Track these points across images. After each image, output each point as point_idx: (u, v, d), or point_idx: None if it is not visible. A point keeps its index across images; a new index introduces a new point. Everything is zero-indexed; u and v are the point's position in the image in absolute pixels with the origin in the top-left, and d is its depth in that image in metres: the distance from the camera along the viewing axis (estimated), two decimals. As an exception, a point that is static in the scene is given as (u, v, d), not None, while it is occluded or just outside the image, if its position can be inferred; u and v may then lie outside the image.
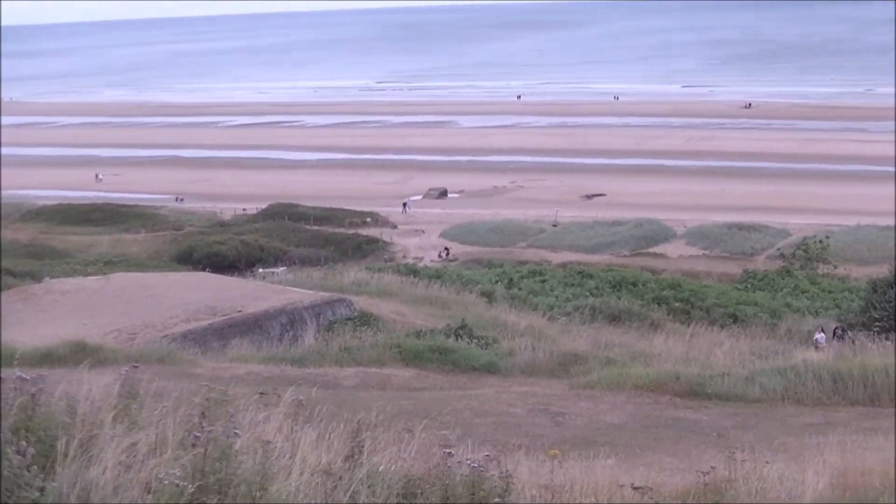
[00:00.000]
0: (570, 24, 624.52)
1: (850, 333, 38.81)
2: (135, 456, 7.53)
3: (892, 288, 38.27)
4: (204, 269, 63.64)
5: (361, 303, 43.30)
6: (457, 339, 32.85)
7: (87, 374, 9.07)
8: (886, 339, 31.87)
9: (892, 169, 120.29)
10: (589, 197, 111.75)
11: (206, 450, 7.53)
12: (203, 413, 8.17)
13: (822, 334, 38.39)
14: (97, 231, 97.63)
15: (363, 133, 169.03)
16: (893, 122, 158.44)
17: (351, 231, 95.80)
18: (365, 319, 39.44)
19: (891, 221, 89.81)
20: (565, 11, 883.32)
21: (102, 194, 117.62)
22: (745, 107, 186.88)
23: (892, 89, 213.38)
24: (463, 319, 37.52)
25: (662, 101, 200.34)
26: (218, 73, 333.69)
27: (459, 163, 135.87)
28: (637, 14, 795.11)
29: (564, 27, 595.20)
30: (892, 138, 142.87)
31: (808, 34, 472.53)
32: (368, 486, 8.26)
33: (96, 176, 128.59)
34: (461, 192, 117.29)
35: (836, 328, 39.94)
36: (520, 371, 29.76)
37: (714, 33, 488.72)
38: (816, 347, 36.11)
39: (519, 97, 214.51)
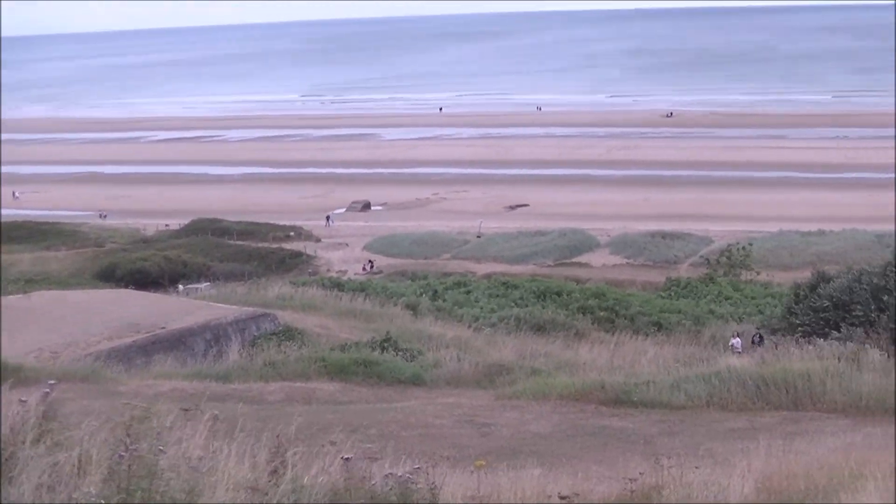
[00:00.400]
0: (495, 35, 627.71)
1: (767, 339, 39.24)
2: (58, 476, 7.45)
3: (813, 292, 38.69)
4: (127, 286, 63.14)
5: (286, 317, 43.15)
6: (382, 351, 32.85)
7: (7, 394, 8.98)
8: (808, 343, 32.29)
9: (812, 175, 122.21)
10: (513, 207, 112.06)
11: (130, 468, 7.49)
12: (127, 431, 8.09)
13: (738, 339, 38.74)
14: (17, 249, 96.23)
15: (287, 147, 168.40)
16: (811, 129, 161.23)
17: (275, 245, 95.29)
18: (289, 334, 39.31)
19: (811, 227, 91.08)
20: (490, 23, 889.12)
21: (21, 212, 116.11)
22: (667, 116, 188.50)
23: (809, 96, 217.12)
24: (388, 332, 37.53)
25: (585, 111, 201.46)
26: (142, 87, 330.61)
27: (383, 175, 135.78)
28: (561, 24, 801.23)
29: (490, 38, 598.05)
30: (810, 145, 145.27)
31: (729, 43, 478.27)
32: (294, 502, 8.25)
33: (13, 194, 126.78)
34: (385, 204, 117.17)
35: (754, 334, 40.27)
36: (445, 382, 29.80)
37: (637, 43, 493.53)
38: (733, 352, 36.39)
39: (441, 109, 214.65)
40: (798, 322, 37.42)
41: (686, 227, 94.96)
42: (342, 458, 9.30)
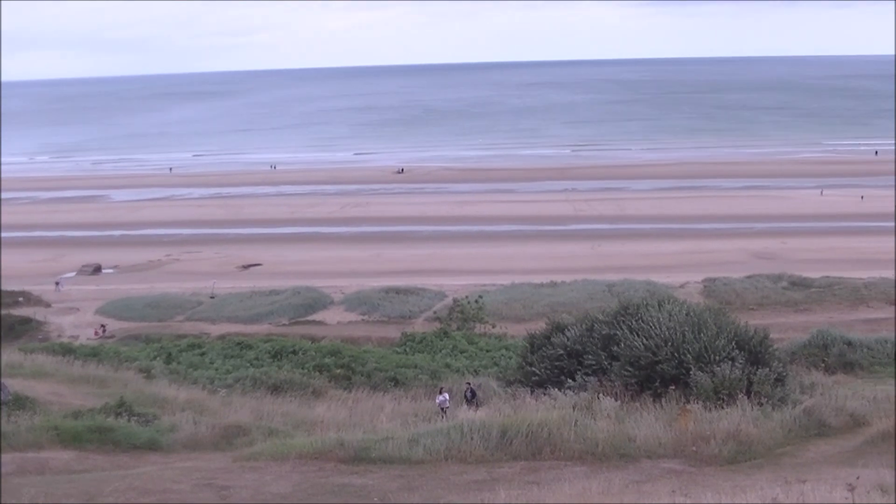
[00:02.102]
0: (223, 94, 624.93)
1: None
2: None
3: (548, 342, 39.43)
4: None
5: (16, 385, 41.66)
6: (116, 417, 32.07)
7: None
8: (544, 393, 33.01)
9: (543, 227, 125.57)
10: (246, 267, 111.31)
11: None
12: None
13: (444, 395, 38.06)
14: None
15: (14, 210, 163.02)
16: (540, 183, 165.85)
17: (3, 312, 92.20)
18: (20, 403, 38.02)
19: (543, 279, 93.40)
20: (216, 82, 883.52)
21: None
22: (398, 172, 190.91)
23: (536, 150, 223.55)
24: (122, 397, 36.71)
25: (318, 169, 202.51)
26: None
27: (113, 237, 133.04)
28: (287, 82, 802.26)
29: (217, 97, 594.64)
30: (539, 198, 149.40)
31: (455, 99, 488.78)
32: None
33: None
34: (116, 267, 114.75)
35: (466, 389, 40.23)
36: (182, 446, 29.32)
37: (365, 100, 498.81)
38: (442, 410, 36.43)
39: (171, 169, 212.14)
40: (534, 372, 38.08)
41: (420, 281, 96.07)
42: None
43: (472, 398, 38.61)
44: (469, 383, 41.18)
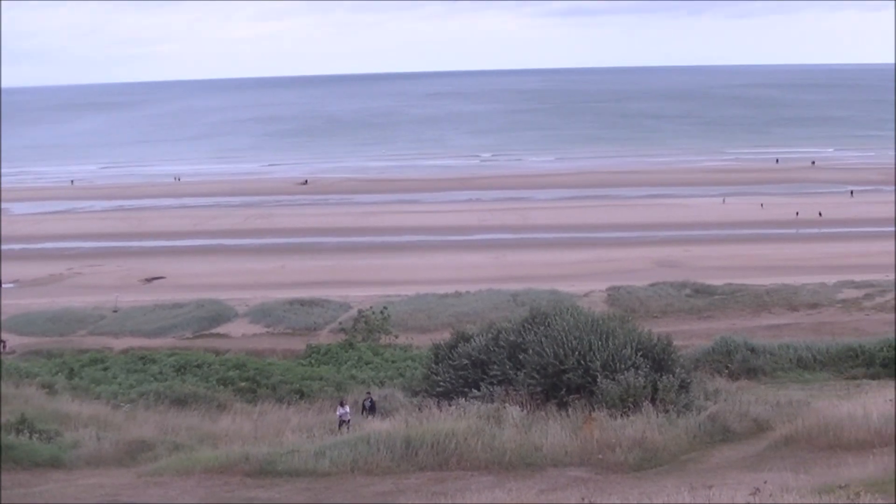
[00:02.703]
0: (129, 104, 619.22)
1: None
2: None
3: (453, 352, 39.46)
4: None
5: (-89, 405, 41.03)
6: (17, 434, 31.62)
7: None
8: (450, 403, 33.04)
9: (447, 238, 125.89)
10: (149, 280, 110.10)
11: None
12: None
13: (345, 408, 37.59)
14: None
15: None
16: (443, 193, 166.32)
17: None
18: (-85, 423, 37.36)
19: (448, 289, 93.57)
20: (124, 92, 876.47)
21: None
22: (302, 183, 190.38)
23: (440, 161, 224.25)
24: (23, 414, 36.18)
25: (222, 181, 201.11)
26: None
27: (13, 251, 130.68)
28: (196, 93, 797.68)
29: (123, 108, 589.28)
30: (443, 208, 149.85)
31: (358, 109, 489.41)
32: None
33: None
34: (16, 281, 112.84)
35: (364, 399, 39.96)
36: (85, 463, 28.99)
37: (271, 110, 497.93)
38: (341, 423, 36.13)
39: (72, 182, 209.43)
40: (439, 382, 38.09)
41: (324, 293, 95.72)
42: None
43: (371, 409, 38.48)
44: (369, 393, 41.01)
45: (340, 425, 35.65)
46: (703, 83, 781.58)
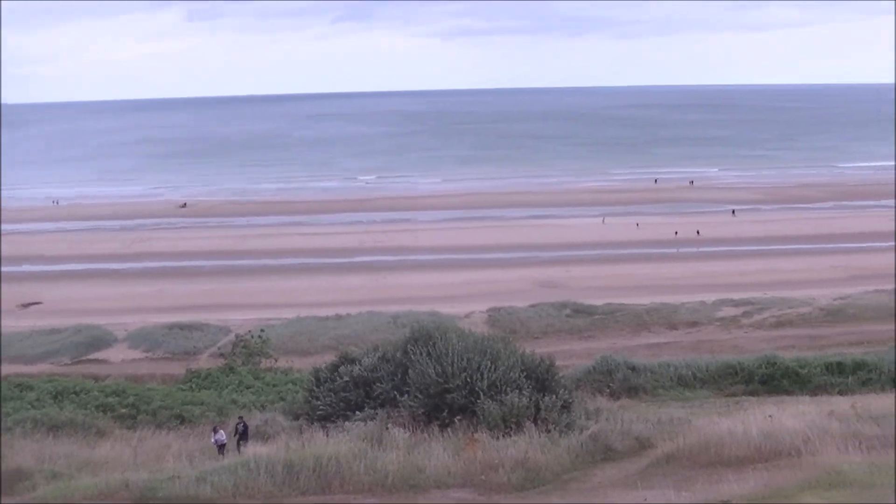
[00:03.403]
0: (7, 125, 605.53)
1: (291, 424, 39.38)
2: None
3: (335, 374, 39.38)
4: None
5: None
6: None
7: None
8: (333, 425, 32.92)
9: (327, 260, 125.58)
10: (25, 305, 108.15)
11: None
12: None
13: (221, 433, 37.62)
14: None
15: None
16: (326, 215, 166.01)
17: None
18: None
19: (328, 311, 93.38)
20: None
21: None
22: (181, 206, 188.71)
23: (320, 183, 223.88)
24: None
25: (101, 204, 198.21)
26: None
27: None
28: (78, 114, 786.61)
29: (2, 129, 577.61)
30: (324, 230, 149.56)
31: (247, 131, 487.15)
32: None
33: None
34: None
35: (237, 423, 39.52)
36: (-41, 495, 28.39)
37: (154, 132, 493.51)
38: (219, 449, 35.79)
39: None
40: (321, 405, 37.96)
41: (204, 317, 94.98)
42: None
43: (243, 434, 38.13)
44: (241, 418, 40.61)
45: (220, 450, 35.33)
46: (585, 104, 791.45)
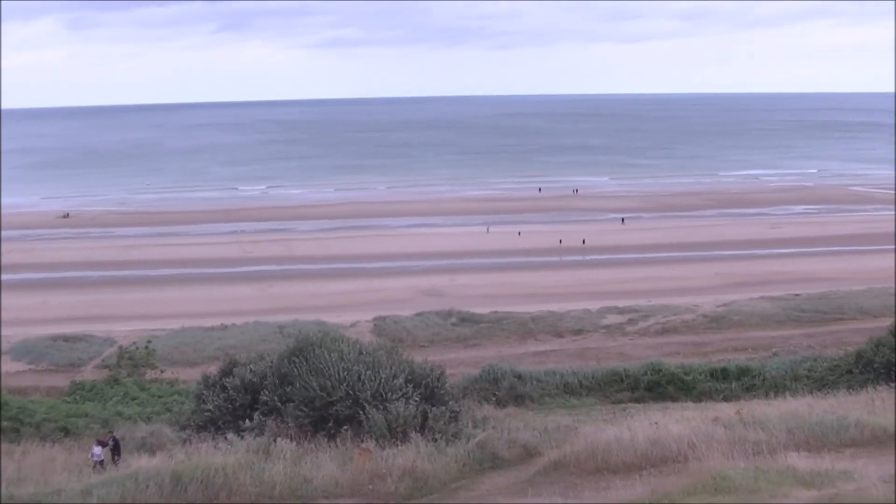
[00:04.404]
0: None
1: (177, 434, 39.19)
2: None
3: (221, 384, 39.26)
4: None
5: None
6: None
7: None
8: (220, 435, 32.88)
9: (211, 270, 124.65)
10: None
11: None
12: None
13: (99, 447, 36.35)
14: None
15: None
16: (208, 225, 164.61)
17: None
18: None
19: (214, 322, 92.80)
20: None
21: None
22: (63, 216, 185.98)
23: (198, 193, 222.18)
24: None
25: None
26: None
27: None
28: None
29: None
30: (207, 240, 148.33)
31: (123, 140, 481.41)
32: None
33: None
34: None
35: (108, 437, 38.83)
36: None
37: (28, 142, 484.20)
38: (95, 464, 35.37)
39: None
40: (208, 416, 37.85)
41: (88, 328, 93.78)
42: None
43: (115, 448, 37.58)
44: (111, 432, 39.99)
45: (98, 466, 34.83)
46: (464, 113, 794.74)
